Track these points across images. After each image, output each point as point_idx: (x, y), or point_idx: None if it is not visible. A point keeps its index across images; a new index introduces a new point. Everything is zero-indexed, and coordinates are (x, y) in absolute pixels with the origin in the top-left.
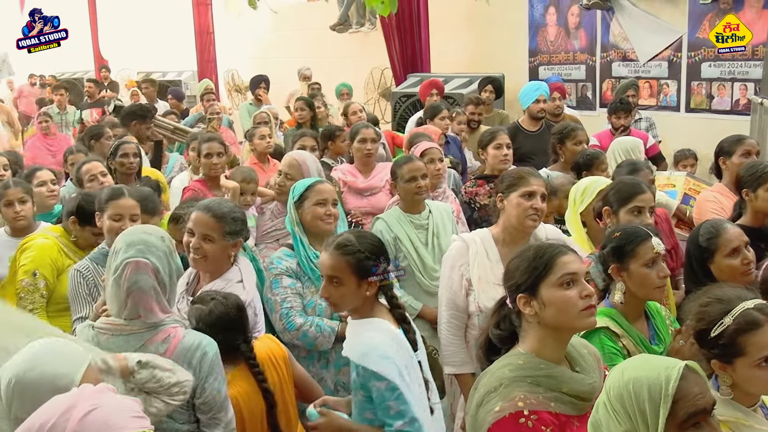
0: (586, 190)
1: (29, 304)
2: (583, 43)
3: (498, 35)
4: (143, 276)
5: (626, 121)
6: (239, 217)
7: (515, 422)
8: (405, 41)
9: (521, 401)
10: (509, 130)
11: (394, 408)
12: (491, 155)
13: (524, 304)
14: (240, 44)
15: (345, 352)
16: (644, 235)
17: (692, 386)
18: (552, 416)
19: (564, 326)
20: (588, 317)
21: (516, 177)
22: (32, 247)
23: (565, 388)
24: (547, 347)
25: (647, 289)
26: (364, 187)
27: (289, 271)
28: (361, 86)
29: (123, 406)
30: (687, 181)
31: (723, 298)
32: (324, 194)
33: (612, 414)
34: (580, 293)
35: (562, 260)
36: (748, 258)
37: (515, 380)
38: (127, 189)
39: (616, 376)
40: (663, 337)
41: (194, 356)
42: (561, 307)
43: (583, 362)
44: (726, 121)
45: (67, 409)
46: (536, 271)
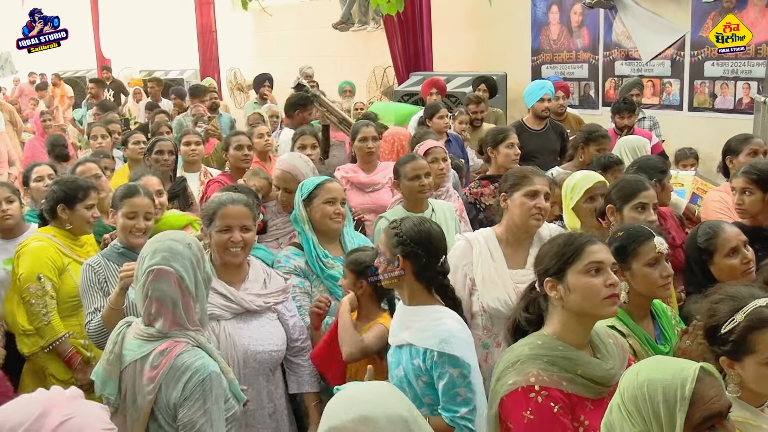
0: (576, 187)
1: (42, 308)
2: (586, 41)
3: (500, 34)
4: (165, 284)
5: (630, 121)
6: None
7: (526, 396)
8: (407, 40)
9: (534, 377)
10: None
11: (462, 395)
12: (503, 154)
13: (551, 288)
14: (242, 43)
15: (411, 339)
16: (647, 234)
17: (708, 389)
18: (563, 395)
19: (587, 312)
20: (610, 305)
21: (519, 176)
22: (27, 252)
23: (580, 370)
24: (570, 331)
25: (650, 288)
26: (367, 182)
27: (297, 269)
28: (363, 85)
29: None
30: (695, 180)
31: (736, 295)
32: (333, 192)
33: (626, 416)
34: (605, 281)
35: (591, 249)
36: (747, 257)
37: (532, 358)
38: (141, 187)
39: (630, 378)
40: (669, 336)
41: (183, 375)
42: (585, 293)
43: (605, 350)
44: (729, 120)
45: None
46: (564, 257)
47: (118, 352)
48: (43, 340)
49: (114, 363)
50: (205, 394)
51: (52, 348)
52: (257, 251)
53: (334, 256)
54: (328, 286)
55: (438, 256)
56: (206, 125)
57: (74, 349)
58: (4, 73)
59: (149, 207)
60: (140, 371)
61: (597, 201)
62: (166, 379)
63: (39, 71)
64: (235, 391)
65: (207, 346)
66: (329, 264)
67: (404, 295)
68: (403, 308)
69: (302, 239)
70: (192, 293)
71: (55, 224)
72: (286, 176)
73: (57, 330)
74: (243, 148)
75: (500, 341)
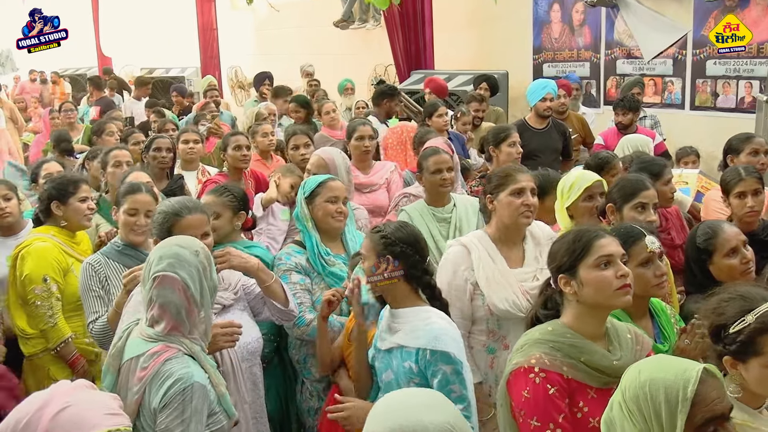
0: (573, 185)
1: (48, 310)
2: (588, 40)
3: (502, 32)
4: (169, 291)
5: (633, 116)
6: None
7: (525, 376)
8: (409, 38)
9: (535, 359)
10: (516, 127)
11: (457, 391)
12: (505, 152)
13: (564, 284)
14: (243, 41)
15: (401, 340)
16: (637, 234)
17: (710, 390)
18: (562, 379)
19: (601, 304)
20: (623, 295)
21: (503, 176)
22: (31, 253)
23: (583, 357)
24: (584, 323)
25: (645, 287)
26: (365, 183)
27: (298, 267)
28: (364, 83)
29: (98, 403)
30: (700, 178)
31: (746, 296)
32: (336, 191)
33: (627, 414)
34: (615, 273)
35: (600, 243)
36: (747, 257)
37: (539, 342)
38: (144, 185)
39: (632, 376)
40: (668, 335)
41: (166, 381)
42: (598, 286)
43: (617, 342)
44: (731, 119)
45: (40, 406)
46: (575, 253)
47: (120, 347)
48: (50, 343)
49: (116, 357)
50: (185, 403)
51: (56, 351)
52: (255, 249)
53: (336, 254)
54: (329, 283)
55: (424, 256)
56: (209, 124)
57: (78, 353)
58: (5, 70)
59: (151, 204)
60: (133, 369)
61: (595, 200)
62: (151, 382)
63: (39, 69)
64: (226, 406)
65: (199, 356)
66: (330, 261)
67: (392, 298)
68: (390, 312)
69: (304, 237)
70: (197, 301)
71: (51, 223)
72: (320, 163)
73: (63, 332)
74: (241, 149)
75: (508, 343)
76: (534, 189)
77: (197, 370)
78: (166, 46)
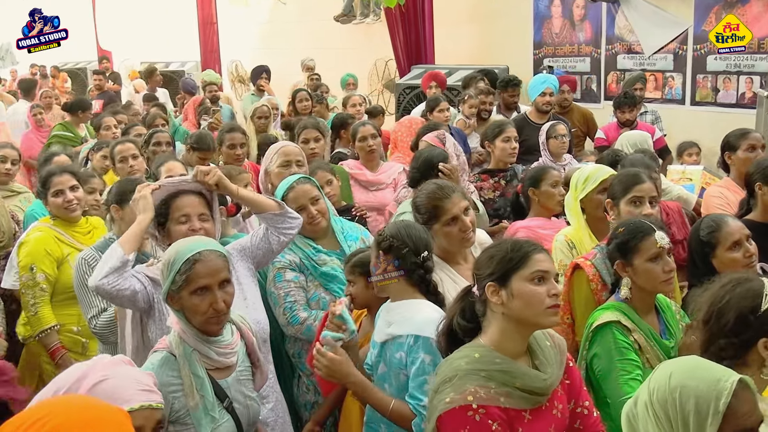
0: (589, 178)
1: (31, 299)
2: (588, 35)
3: (502, 27)
4: (214, 256)
5: (631, 115)
6: None
7: (464, 414)
8: (409, 32)
9: (471, 395)
10: (516, 122)
11: (429, 383)
12: (499, 148)
13: (492, 293)
14: (244, 35)
15: (393, 330)
16: (647, 230)
17: (743, 404)
18: (501, 411)
19: (528, 320)
20: (552, 315)
21: (432, 206)
22: (28, 242)
23: (518, 383)
24: (508, 340)
25: (653, 283)
26: (372, 180)
27: (292, 264)
28: (365, 77)
29: (133, 379)
30: (704, 175)
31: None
32: (299, 200)
33: (652, 416)
34: (548, 291)
35: (537, 257)
36: (750, 251)
37: (469, 373)
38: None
39: (662, 379)
40: (673, 331)
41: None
42: (529, 300)
43: (543, 357)
44: (731, 114)
45: (79, 377)
46: (511, 262)
47: None
48: (33, 330)
49: None
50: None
51: (38, 338)
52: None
53: (329, 250)
54: (322, 283)
55: (417, 247)
56: (210, 118)
57: (59, 343)
58: (4, 64)
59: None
60: None
61: None
62: None
63: (39, 63)
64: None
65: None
66: (321, 260)
67: (392, 294)
68: (387, 306)
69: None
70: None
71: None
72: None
73: (43, 321)
74: (236, 147)
75: None
76: (467, 208)
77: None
78: (166, 40)
